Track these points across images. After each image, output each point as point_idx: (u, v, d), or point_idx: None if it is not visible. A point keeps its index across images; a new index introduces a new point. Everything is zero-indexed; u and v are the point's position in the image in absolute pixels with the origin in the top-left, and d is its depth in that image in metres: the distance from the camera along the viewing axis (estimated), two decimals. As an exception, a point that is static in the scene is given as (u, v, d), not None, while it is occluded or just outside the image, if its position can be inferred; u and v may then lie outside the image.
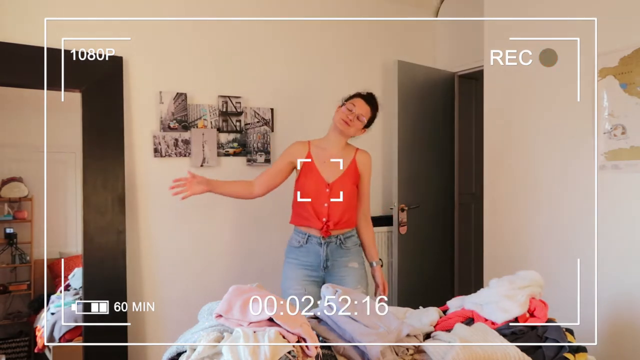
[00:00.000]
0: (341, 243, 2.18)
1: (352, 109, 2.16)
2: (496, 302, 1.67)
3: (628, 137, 2.26)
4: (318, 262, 2.15)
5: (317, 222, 2.14)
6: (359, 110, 2.16)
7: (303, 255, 2.17)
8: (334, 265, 2.16)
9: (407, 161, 3.33)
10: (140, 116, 2.59)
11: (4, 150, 2.47)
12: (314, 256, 2.16)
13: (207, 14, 2.75)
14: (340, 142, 2.23)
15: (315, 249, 2.15)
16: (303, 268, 2.16)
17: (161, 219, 2.64)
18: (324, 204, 2.14)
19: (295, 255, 2.18)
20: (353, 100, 2.20)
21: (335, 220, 2.15)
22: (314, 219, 2.14)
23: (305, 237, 2.16)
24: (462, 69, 3.62)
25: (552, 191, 2.61)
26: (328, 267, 2.16)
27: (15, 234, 2.51)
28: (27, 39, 2.28)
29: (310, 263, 2.16)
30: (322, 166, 2.19)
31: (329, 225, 2.13)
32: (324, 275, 2.17)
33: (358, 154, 2.26)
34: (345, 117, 2.15)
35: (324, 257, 2.15)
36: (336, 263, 2.17)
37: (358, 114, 2.16)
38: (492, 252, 2.95)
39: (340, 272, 2.17)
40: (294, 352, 1.20)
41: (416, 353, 1.46)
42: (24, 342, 2.54)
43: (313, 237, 2.16)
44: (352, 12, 3.31)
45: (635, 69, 2.22)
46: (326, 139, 2.25)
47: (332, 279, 2.15)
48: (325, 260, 2.15)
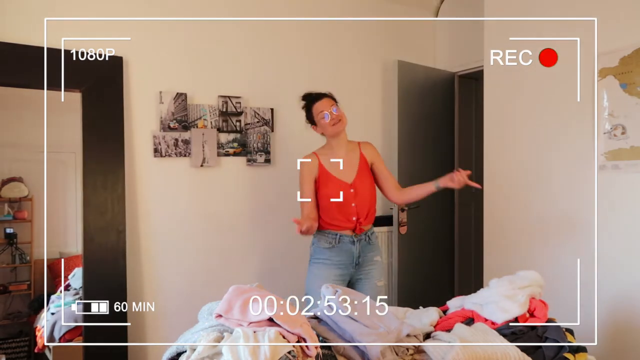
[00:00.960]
0: (368, 239, 2.26)
1: (327, 114, 2.20)
2: (496, 302, 1.67)
3: (628, 137, 2.26)
4: (350, 260, 2.23)
5: (349, 222, 2.21)
6: (327, 107, 2.21)
7: (335, 255, 2.21)
8: (363, 261, 2.25)
9: (407, 161, 3.33)
10: (140, 116, 2.59)
11: (4, 150, 2.47)
12: (346, 255, 2.22)
13: (207, 14, 2.75)
14: (342, 143, 2.28)
15: (348, 247, 2.22)
16: (335, 267, 2.21)
17: (161, 219, 2.64)
18: (352, 204, 2.21)
19: (327, 255, 2.22)
20: (314, 109, 2.23)
21: (364, 216, 2.23)
22: (345, 221, 2.21)
23: (337, 238, 2.21)
24: (462, 69, 3.62)
25: (552, 191, 2.61)
26: (359, 264, 2.24)
27: (15, 234, 2.51)
28: (27, 39, 2.28)
29: (343, 262, 2.22)
30: (338, 172, 2.25)
31: (360, 222, 2.22)
32: (353, 272, 2.25)
33: (362, 148, 2.34)
34: (330, 122, 2.20)
35: (356, 254, 2.23)
36: (365, 258, 2.25)
37: (330, 109, 2.21)
38: (492, 252, 2.95)
39: (368, 266, 2.25)
40: (294, 352, 1.20)
41: (416, 353, 1.46)
42: (24, 342, 2.54)
43: (345, 237, 2.22)
44: (352, 12, 3.31)
45: (635, 69, 2.22)
46: (329, 146, 2.29)
47: (360, 274, 2.25)
48: (358, 257, 2.23)
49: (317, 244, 2.26)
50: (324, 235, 2.23)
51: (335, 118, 2.21)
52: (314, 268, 2.26)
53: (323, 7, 3.20)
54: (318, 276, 2.21)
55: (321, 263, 2.23)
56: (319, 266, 2.24)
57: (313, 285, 2.20)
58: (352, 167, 2.28)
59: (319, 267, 2.24)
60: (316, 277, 2.22)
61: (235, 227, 2.87)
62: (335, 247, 2.21)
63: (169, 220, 2.66)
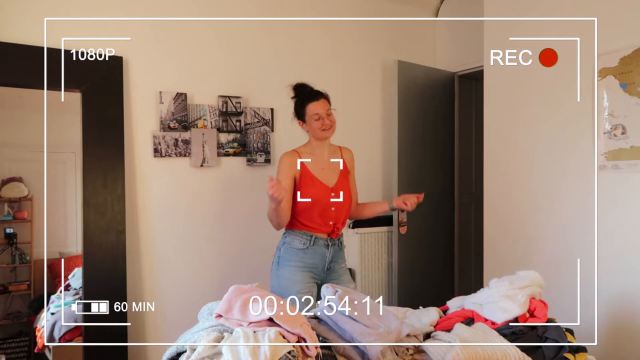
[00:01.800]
0: (340, 244, 2.23)
1: (319, 117, 2.13)
2: (496, 302, 1.67)
3: (628, 137, 2.26)
4: (323, 264, 2.16)
5: (325, 226, 2.16)
6: (322, 110, 2.14)
7: (308, 258, 2.12)
8: (334, 266, 2.20)
9: (407, 161, 3.33)
10: (140, 116, 2.59)
11: (4, 150, 2.47)
12: (319, 258, 2.14)
13: (207, 14, 2.75)
14: (326, 145, 2.23)
15: (322, 250, 2.14)
16: (308, 270, 2.12)
17: (161, 219, 2.64)
18: (331, 208, 2.16)
19: (299, 257, 2.12)
20: (308, 109, 2.14)
21: (341, 221, 2.20)
22: (322, 224, 2.15)
23: (311, 239, 2.12)
24: (462, 69, 3.62)
25: (552, 191, 2.61)
26: (330, 269, 2.19)
27: (15, 234, 2.51)
28: (27, 39, 2.27)
29: (315, 265, 2.14)
30: (320, 173, 2.18)
31: (337, 227, 2.18)
32: (324, 276, 2.18)
33: (344, 153, 2.30)
34: (321, 126, 2.13)
35: (329, 259, 2.16)
36: (336, 264, 2.21)
37: (325, 114, 2.14)
38: (492, 252, 2.95)
39: (337, 272, 2.21)
40: (294, 352, 1.20)
41: (416, 353, 1.46)
42: (24, 342, 2.54)
43: (320, 239, 2.14)
44: (352, 12, 3.31)
45: (635, 69, 2.22)
46: (311, 146, 2.21)
47: (331, 279, 2.17)
48: (330, 261, 2.17)
49: (288, 244, 2.14)
50: (298, 236, 2.12)
51: (328, 124, 2.14)
52: (284, 271, 2.11)
53: (323, 7, 3.20)
54: (292, 280, 2.08)
55: (292, 266, 2.10)
56: (291, 269, 2.10)
57: (291, 291, 2.06)
58: (334, 171, 2.21)
59: (291, 270, 2.10)
60: (289, 281, 2.09)
61: (235, 227, 2.87)
62: (309, 248, 2.12)
63: (169, 220, 2.66)
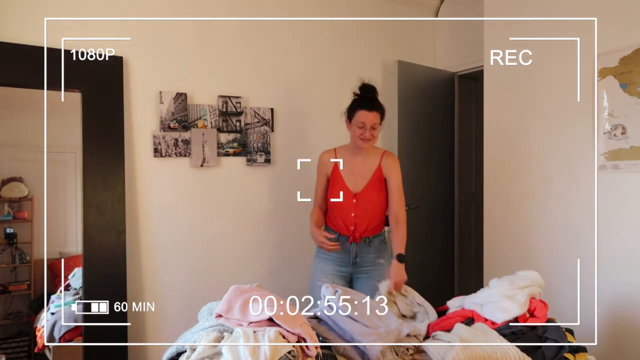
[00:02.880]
0: (369, 242, 2.24)
1: (363, 125, 2.14)
2: (496, 302, 1.67)
3: (628, 137, 2.26)
4: (348, 258, 2.22)
5: (345, 230, 2.21)
6: (369, 122, 2.14)
7: (335, 252, 2.20)
8: (362, 261, 2.23)
9: (407, 161, 3.33)
10: (140, 116, 2.59)
11: (4, 150, 2.47)
12: (344, 252, 2.22)
13: (207, 14, 2.75)
14: (364, 149, 2.23)
15: (345, 246, 2.22)
16: (333, 263, 2.23)
17: (161, 218, 2.64)
18: (351, 213, 2.19)
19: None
20: (357, 115, 2.15)
21: (361, 230, 2.21)
22: (342, 227, 2.22)
23: (336, 236, 2.22)
24: (462, 69, 3.62)
25: (552, 191, 2.61)
26: (357, 263, 2.23)
27: (15, 234, 2.51)
28: (27, 39, 2.27)
29: (342, 259, 2.22)
30: (349, 176, 2.22)
31: (356, 234, 2.20)
32: (352, 271, 2.24)
33: (384, 159, 2.25)
34: (361, 135, 2.15)
35: (353, 254, 2.22)
36: (365, 259, 2.23)
37: (370, 126, 2.14)
38: (492, 252, 2.95)
39: (368, 267, 2.23)
40: (294, 352, 1.20)
41: (416, 353, 1.46)
42: (24, 342, 2.54)
43: (343, 237, 2.23)
44: (352, 12, 3.31)
45: (635, 69, 2.22)
46: (349, 146, 2.26)
47: (360, 274, 2.23)
48: (355, 257, 2.22)
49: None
50: (327, 231, 2.24)
51: (367, 136, 2.14)
52: (316, 262, 2.30)
53: (323, 7, 3.19)
54: (318, 269, 2.26)
55: (321, 257, 2.27)
56: (319, 259, 2.28)
57: (314, 279, 2.26)
58: (364, 177, 2.22)
59: (319, 260, 2.28)
60: (317, 271, 2.26)
61: (235, 227, 2.87)
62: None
63: (169, 220, 2.66)
